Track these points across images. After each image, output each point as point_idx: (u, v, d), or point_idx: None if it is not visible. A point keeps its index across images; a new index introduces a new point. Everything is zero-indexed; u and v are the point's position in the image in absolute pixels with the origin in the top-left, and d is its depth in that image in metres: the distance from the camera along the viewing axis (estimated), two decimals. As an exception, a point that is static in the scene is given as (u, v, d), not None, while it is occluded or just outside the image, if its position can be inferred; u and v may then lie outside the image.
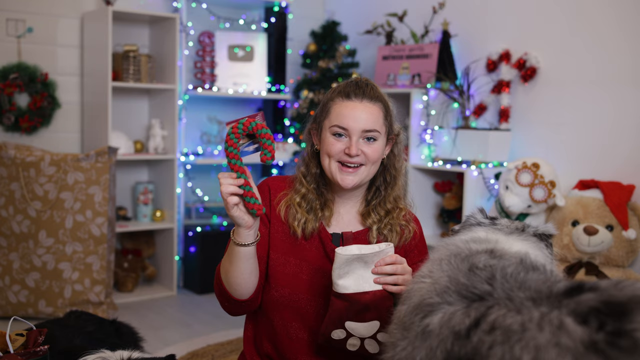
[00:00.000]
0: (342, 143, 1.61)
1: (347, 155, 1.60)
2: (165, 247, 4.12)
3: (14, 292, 3.36)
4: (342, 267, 1.45)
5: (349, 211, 1.71)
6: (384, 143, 1.67)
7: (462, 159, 3.58)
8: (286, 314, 1.64)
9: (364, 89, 1.64)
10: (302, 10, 4.59)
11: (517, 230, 1.35)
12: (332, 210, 1.69)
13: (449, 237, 1.34)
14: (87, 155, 3.39)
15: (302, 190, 1.68)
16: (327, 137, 1.64)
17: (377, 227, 1.67)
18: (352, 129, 1.60)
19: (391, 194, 1.70)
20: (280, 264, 1.66)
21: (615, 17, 3.20)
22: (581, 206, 3.10)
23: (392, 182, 1.71)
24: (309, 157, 1.71)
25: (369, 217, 1.68)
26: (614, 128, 3.21)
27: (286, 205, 1.67)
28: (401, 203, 1.72)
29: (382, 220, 1.67)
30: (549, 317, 0.86)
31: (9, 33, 3.74)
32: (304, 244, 1.66)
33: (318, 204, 1.67)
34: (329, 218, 1.68)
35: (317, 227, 1.66)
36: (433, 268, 1.10)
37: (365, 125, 1.60)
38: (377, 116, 1.63)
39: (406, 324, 1.07)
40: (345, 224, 1.70)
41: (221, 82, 4.25)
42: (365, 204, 1.71)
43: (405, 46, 3.94)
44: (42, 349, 1.64)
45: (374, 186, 1.72)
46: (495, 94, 3.67)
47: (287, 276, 1.64)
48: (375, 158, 1.63)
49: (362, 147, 1.61)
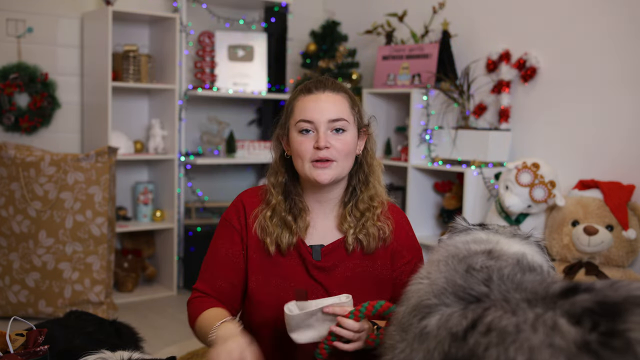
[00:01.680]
0: (310, 138, 1.55)
1: (317, 149, 1.53)
2: (165, 247, 4.12)
3: (14, 292, 3.37)
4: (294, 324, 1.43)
5: (326, 217, 1.65)
6: (355, 134, 1.60)
7: (462, 159, 3.58)
8: (272, 334, 1.60)
9: (325, 82, 1.60)
10: (302, 10, 4.59)
11: (509, 234, 1.35)
12: (307, 220, 1.62)
13: (448, 239, 1.34)
14: (87, 155, 3.39)
15: (272, 201, 1.62)
16: (295, 137, 1.57)
17: (353, 233, 1.60)
18: (318, 120, 1.54)
19: (365, 193, 1.64)
20: (261, 285, 1.61)
21: (616, 17, 3.19)
22: (581, 206, 3.10)
23: (364, 181, 1.65)
24: (278, 164, 1.65)
25: (345, 220, 1.62)
26: (614, 128, 3.21)
27: (260, 224, 1.61)
28: (375, 202, 1.64)
29: (358, 224, 1.61)
30: (543, 318, 0.86)
31: (9, 33, 3.74)
32: (283, 261, 1.61)
33: (290, 216, 1.60)
34: (305, 229, 1.61)
35: (293, 241, 1.60)
36: (431, 269, 1.10)
37: (330, 115, 1.55)
38: (341, 105, 1.57)
39: (404, 326, 1.07)
40: (323, 234, 1.63)
41: (221, 82, 4.25)
42: (343, 206, 1.65)
43: (405, 46, 3.94)
44: (42, 349, 1.64)
45: (350, 186, 1.65)
46: (495, 94, 3.66)
47: (270, 297, 1.59)
48: (346, 151, 1.56)
49: (331, 139, 1.54)
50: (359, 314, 1.43)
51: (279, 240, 1.59)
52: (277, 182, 1.64)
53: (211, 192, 4.44)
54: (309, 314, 1.43)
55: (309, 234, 1.63)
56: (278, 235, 1.59)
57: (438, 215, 3.95)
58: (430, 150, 3.77)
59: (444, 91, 3.72)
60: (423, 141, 3.76)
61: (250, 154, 4.26)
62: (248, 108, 4.63)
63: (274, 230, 1.59)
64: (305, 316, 1.43)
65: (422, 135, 3.76)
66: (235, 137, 4.31)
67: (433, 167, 3.68)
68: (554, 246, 3.15)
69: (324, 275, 1.60)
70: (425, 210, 3.91)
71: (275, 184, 1.64)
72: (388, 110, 4.18)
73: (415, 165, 3.77)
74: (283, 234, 1.59)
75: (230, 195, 4.22)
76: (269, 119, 4.55)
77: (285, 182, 1.64)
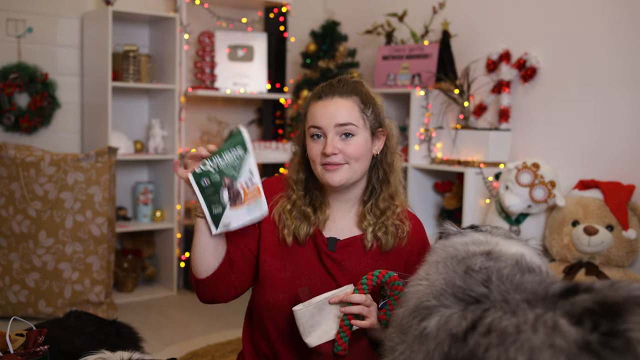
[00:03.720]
0: (319, 144, 1.59)
1: (324, 155, 1.58)
2: (165, 247, 4.12)
3: (14, 292, 3.37)
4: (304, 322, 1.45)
5: (345, 215, 1.68)
6: (367, 137, 1.62)
7: (462, 159, 3.58)
8: (280, 319, 1.62)
9: (335, 87, 1.62)
10: (302, 10, 4.59)
11: (505, 236, 1.35)
12: (327, 213, 1.66)
13: (447, 240, 1.34)
14: (87, 155, 3.39)
15: (292, 196, 1.67)
16: (308, 142, 1.63)
17: (372, 230, 1.63)
18: (325, 126, 1.58)
19: (385, 192, 1.66)
20: (275, 270, 1.64)
21: (616, 17, 3.19)
22: (581, 206, 3.10)
23: (384, 179, 1.67)
24: (298, 162, 1.70)
25: (365, 218, 1.65)
26: (614, 128, 3.21)
27: (278, 212, 1.66)
28: (397, 200, 1.67)
29: (377, 222, 1.64)
30: (543, 318, 0.86)
31: (9, 33, 3.74)
32: (299, 249, 1.64)
33: (310, 209, 1.65)
34: (324, 222, 1.65)
35: (311, 231, 1.63)
36: (430, 270, 1.10)
37: (337, 120, 1.57)
38: (349, 109, 1.59)
39: (404, 327, 1.07)
40: (341, 229, 1.67)
41: (221, 82, 4.25)
42: (362, 204, 1.68)
43: (405, 46, 3.94)
44: (42, 349, 1.64)
45: (370, 185, 1.68)
46: (495, 94, 3.66)
47: (282, 282, 1.62)
48: (357, 154, 1.59)
49: (339, 144, 1.58)
50: (362, 287, 1.48)
51: (296, 232, 1.63)
52: (298, 179, 1.68)
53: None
54: (317, 307, 1.45)
55: (328, 227, 1.66)
56: (296, 227, 1.63)
57: (438, 215, 3.95)
58: (430, 150, 3.77)
59: (444, 91, 3.72)
60: (423, 141, 3.76)
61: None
62: (248, 108, 4.63)
63: (292, 222, 1.63)
64: (314, 310, 1.45)
65: (422, 135, 3.76)
66: (235, 137, 4.30)
67: (433, 167, 3.68)
68: (554, 246, 3.15)
69: (337, 267, 1.63)
70: (425, 210, 3.91)
71: (295, 180, 1.68)
72: (388, 110, 4.13)
73: (415, 165, 3.77)
74: (301, 226, 1.63)
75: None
76: (269, 119, 4.56)
77: (306, 178, 1.68)
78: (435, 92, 3.74)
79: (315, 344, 1.46)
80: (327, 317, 1.47)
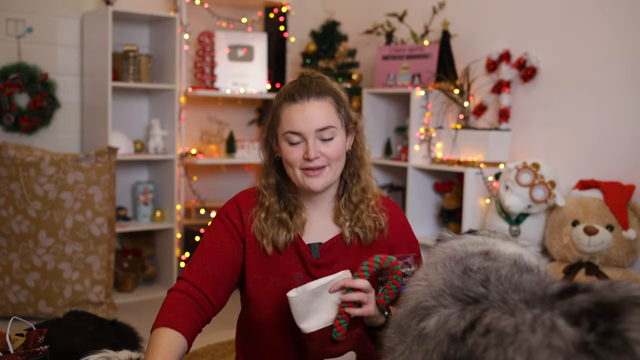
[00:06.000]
0: (300, 149, 1.55)
1: (307, 160, 1.54)
2: (165, 247, 4.12)
3: (14, 292, 3.37)
4: (299, 309, 1.43)
5: (322, 214, 1.65)
6: (344, 136, 1.59)
7: (462, 159, 3.58)
8: (272, 333, 1.60)
9: (308, 87, 1.57)
10: (302, 10, 4.59)
11: (504, 238, 1.35)
12: (303, 217, 1.62)
13: (445, 242, 1.34)
14: (87, 155, 3.39)
15: (265, 203, 1.62)
16: (284, 146, 1.57)
17: (349, 225, 1.61)
18: (305, 131, 1.53)
19: (357, 185, 1.64)
20: (260, 284, 1.60)
21: (616, 17, 3.19)
22: (581, 206, 3.10)
23: (355, 174, 1.65)
24: (268, 166, 1.65)
25: (340, 214, 1.62)
26: (614, 128, 3.21)
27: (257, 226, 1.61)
28: (369, 194, 1.65)
29: (353, 217, 1.62)
30: (541, 318, 0.86)
31: (9, 33, 3.74)
32: (281, 258, 1.60)
33: (286, 213, 1.61)
34: (302, 226, 1.62)
35: (291, 238, 1.60)
36: (428, 271, 1.11)
37: (317, 124, 1.53)
38: (327, 111, 1.55)
39: (403, 328, 1.07)
40: (321, 231, 1.64)
41: (221, 82, 4.25)
42: (337, 199, 1.66)
43: (405, 46, 3.94)
44: (42, 349, 1.64)
45: (342, 179, 1.66)
46: (495, 94, 3.66)
47: (269, 295, 1.59)
48: (337, 156, 1.57)
49: (321, 148, 1.54)
50: (362, 273, 1.47)
51: (275, 240, 1.59)
52: (269, 184, 1.64)
53: (211, 192, 4.44)
54: (313, 294, 1.43)
55: (307, 230, 1.63)
56: (274, 235, 1.59)
57: (438, 215, 3.95)
58: (430, 150, 3.77)
59: (444, 91, 3.72)
60: (423, 141, 3.76)
61: (250, 154, 4.26)
62: (248, 108, 4.63)
63: (270, 231, 1.59)
64: (310, 297, 1.43)
65: (422, 135, 3.76)
66: (235, 137, 4.31)
67: (433, 167, 3.68)
68: (554, 246, 3.15)
69: (324, 271, 1.60)
70: (425, 211, 3.91)
71: (266, 186, 1.64)
72: (388, 110, 4.18)
73: (415, 165, 3.77)
74: (279, 233, 1.59)
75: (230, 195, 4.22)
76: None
77: (277, 182, 1.64)
78: (435, 92, 3.74)
79: (312, 330, 1.45)
80: (324, 303, 1.46)
